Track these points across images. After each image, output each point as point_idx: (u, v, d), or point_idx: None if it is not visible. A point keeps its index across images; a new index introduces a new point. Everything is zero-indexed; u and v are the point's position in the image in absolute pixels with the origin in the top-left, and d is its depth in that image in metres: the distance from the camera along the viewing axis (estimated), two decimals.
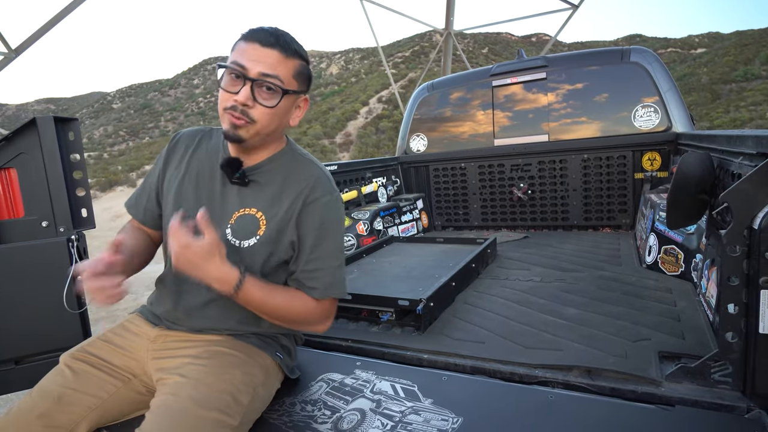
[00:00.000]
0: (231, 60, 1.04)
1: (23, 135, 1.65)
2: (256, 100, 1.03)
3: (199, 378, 1.00)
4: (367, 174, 3.22)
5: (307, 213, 1.11)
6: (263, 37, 1.02)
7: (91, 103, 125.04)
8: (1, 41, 6.30)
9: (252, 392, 1.06)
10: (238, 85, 1.02)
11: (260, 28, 1.04)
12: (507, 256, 2.48)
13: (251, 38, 1.03)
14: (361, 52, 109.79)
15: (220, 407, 0.96)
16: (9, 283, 1.59)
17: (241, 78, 1.02)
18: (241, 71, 1.01)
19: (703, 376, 1.10)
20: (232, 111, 1.03)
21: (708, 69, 52.61)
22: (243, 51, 1.03)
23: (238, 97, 1.01)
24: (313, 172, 1.15)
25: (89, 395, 1.04)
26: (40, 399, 1.01)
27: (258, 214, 1.11)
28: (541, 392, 1.15)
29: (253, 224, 1.11)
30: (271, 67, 1.02)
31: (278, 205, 1.11)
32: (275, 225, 1.10)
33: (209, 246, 0.95)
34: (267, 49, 1.02)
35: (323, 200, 1.12)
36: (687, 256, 1.83)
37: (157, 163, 1.24)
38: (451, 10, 12.83)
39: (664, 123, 2.81)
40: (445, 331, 1.54)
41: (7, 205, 1.66)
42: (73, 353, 1.11)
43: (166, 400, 0.96)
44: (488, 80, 3.33)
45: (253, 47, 1.02)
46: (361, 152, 42.09)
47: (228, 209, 1.13)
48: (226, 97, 1.03)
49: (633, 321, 1.49)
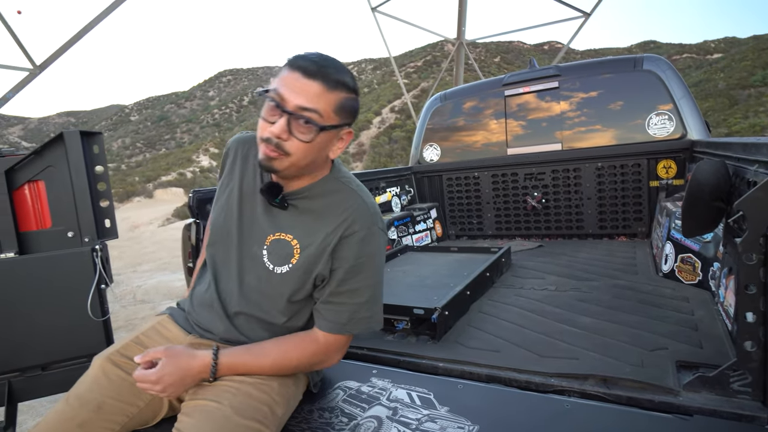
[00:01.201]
0: (273, 87, 0.99)
1: (51, 149, 1.72)
2: (291, 134, 0.98)
3: (240, 388, 1.01)
4: (381, 184, 3.25)
5: (343, 247, 1.06)
6: (306, 66, 0.97)
7: (110, 115, 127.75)
8: (26, 58, 6.52)
9: (286, 404, 1.08)
10: (276, 115, 0.98)
11: (305, 56, 0.99)
12: (521, 265, 2.48)
13: (295, 66, 0.98)
14: (373, 62, 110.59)
15: (259, 417, 0.98)
16: (36, 292, 1.65)
17: (279, 108, 0.97)
18: (279, 102, 0.97)
19: (721, 385, 1.09)
20: (267, 143, 0.99)
21: (725, 74, 51.88)
22: (285, 80, 0.98)
23: (274, 129, 0.97)
24: (354, 203, 1.09)
25: (127, 404, 1.06)
26: (80, 407, 1.02)
27: (293, 242, 1.09)
28: (557, 401, 1.15)
29: (287, 251, 1.08)
30: (310, 101, 0.96)
31: (314, 236, 1.08)
32: (308, 255, 1.07)
33: (161, 370, 0.97)
34: (308, 80, 0.96)
35: (360, 234, 1.06)
36: (704, 265, 1.82)
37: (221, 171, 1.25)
38: (463, 20, 12.90)
39: (679, 130, 2.79)
40: (460, 340, 1.55)
41: (36, 216, 1.73)
42: (108, 356, 1.10)
43: (207, 405, 0.97)
44: (500, 90, 3.35)
45: (295, 77, 0.97)
46: (374, 162, 42.22)
47: (265, 231, 1.11)
48: (264, 126, 1.00)
49: (649, 330, 1.48)
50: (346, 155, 48.70)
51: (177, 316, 1.24)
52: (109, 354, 1.11)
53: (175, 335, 1.19)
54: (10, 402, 1.66)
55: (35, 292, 1.65)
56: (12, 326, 1.62)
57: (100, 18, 6.50)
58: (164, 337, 1.19)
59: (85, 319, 1.68)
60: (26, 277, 1.64)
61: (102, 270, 1.72)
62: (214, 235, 1.18)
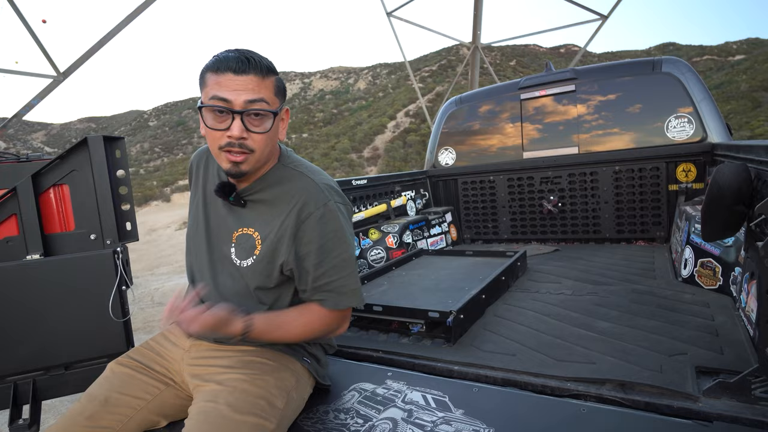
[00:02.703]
0: (208, 96, 0.99)
1: (75, 153, 1.77)
2: (249, 130, 1.00)
3: (235, 385, 1.04)
4: (396, 187, 3.26)
5: (304, 231, 1.08)
6: (234, 64, 0.98)
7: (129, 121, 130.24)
8: (51, 65, 6.70)
9: (286, 396, 1.09)
10: (226, 120, 0.99)
11: (226, 56, 1.00)
12: (537, 269, 2.47)
13: (222, 68, 0.98)
14: (388, 67, 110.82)
15: (257, 412, 1.00)
16: (60, 293, 1.70)
17: (226, 113, 0.99)
18: (225, 106, 0.98)
19: (742, 392, 1.07)
20: (230, 148, 1.00)
21: (747, 76, 50.76)
22: (218, 83, 0.98)
23: (233, 133, 0.98)
24: (303, 185, 1.11)
25: (133, 397, 1.11)
26: (88, 402, 1.08)
27: (255, 234, 1.12)
28: (574, 405, 1.14)
29: (250, 244, 1.12)
30: (254, 93, 0.99)
31: (271, 224, 1.11)
32: (269, 244, 1.10)
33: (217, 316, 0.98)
34: (243, 76, 0.98)
35: (317, 214, 1.08)
36: (725, 270, 1.79)
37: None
38: (478, 23, 12.89)
39: (699, 133, 2.75)
40: (476, 343, 1.55)
41: (60, 219, 1.78)
42: (118, 360, 1.18)
43: (205, 407, 1.00)
44: (516, 93, 3.34)
45: (228, 77, 0.98)
46: (389, 166, 42.28)
47: (230, 229, 1.16)
48: (218, 135, 1.00)
49: (668, 335, 1.46)
50: (361, 159, 48.85)
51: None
52: (120, 358, 1.19)
53: (180, 340, 1.24)
54: (34, 400, 1.71)
55: (59, 293, 1.69)
56: (37, 326, 1.66)
57: (123, 25, 6.65)
58: (171, 342, 1.25)
59: (106, 319, 1.72)
60: (51, 278, 1.68)
61: (123, 272, 1.76)
62: (189, 245, 1.24)
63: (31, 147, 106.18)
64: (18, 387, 1.69)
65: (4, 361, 1.66)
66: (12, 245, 1.72)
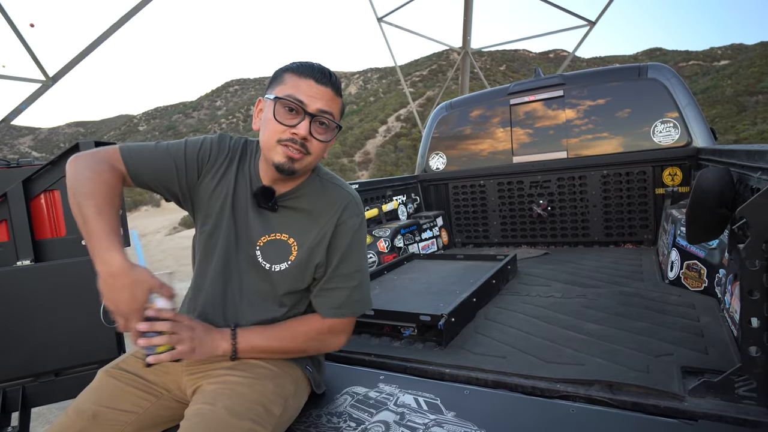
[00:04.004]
0: (285, 93, 1.05)
1: (67, 159, 1.76)
2: (311, 134, 1.07)
3: (234, 389, 1.04)
4: (387, 192, 3.27)
5: (337, 236, 1.15)
6: (317, 75, 1.07)
7: (119, 125, 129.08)
8: (40, 70, 6.65)
9: (283, 403, 1.09)
10: (296, 118, 1.05)
11: (312, 65, 1.08)
12: (527, 273, 2.49)
13: (306, 74, 1.07)
14: (379, 71, 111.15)
15: (253, 417, 1.00)
16: (50, 299, 1.69)
17: (298, 112, 1.05)
18: (299, 105, 1.05)
19: (726, 391, 1.10)
20: (291, 144, 1.05)
21: (732, 81, 51.62)
22: (297, 86, 1.06)
23: (299, 131, 1.05)
24: (343, 196, 1.19)
25: (123, 411, 1.08)
26: (77, 417, 1.04)
27: (290, 240, 1.15)
28: (563, 406, 1.16)
29: (285, 249, 1.15)
30: (327, 105, 1.07)
31: (309, 231, 1.16)
32: (306, 250, 1.14)
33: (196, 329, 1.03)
34: (322, 87, 1.07)
35: (351, 222, 1.16)
36: (710, 272, 1.82)
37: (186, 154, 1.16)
38: (468, 29, 13.00)
39: (684, 138, 2.81)
40: (467, 346, 1.56)
41: (51, 225, 1.77)
42: (107, 370, 1.14)
43: (202, 409, 0.99)
44: (506, 98, 3.38)
45: (308, 83, 1.06)
46: (380, 170, 42.33)
47: (257, 233, 1.16)
48: (282, 129, 1.05)
49: (655, 336, 1.49)
50: (352, 163, 48.87)
51: None
52: (110, 367, 1.16)
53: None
54: (23, 407, 1.69)
55: (50, 299, 1.68)
56: (27, 332, 1.65)
57: (113, 30, 6.62)
58: None
59: (97, 325, 1.71)
60: (41, 284, 1.67)
61: None
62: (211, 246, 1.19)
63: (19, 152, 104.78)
64: (7, 394, 1.67)
65: None
66: (2, 251, 1.70)
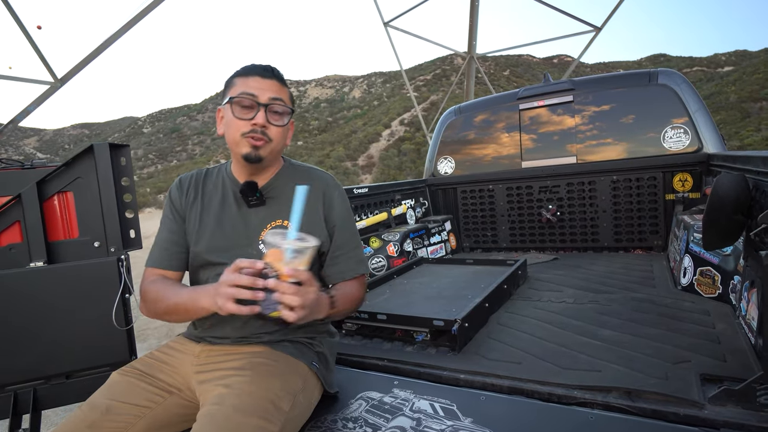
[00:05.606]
0: (237, 93, 1.18)
1: (80, 161, 1.77)
2: (269, 122, 1.19)
3: (242, 388, 1.04)
4: (396, 196, 3.27)
5: (331, 210, 1.30)
6: (261, 71, 1.20)
7: (123, 127, 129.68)
8: (48, 71, 6.68)
9: (292, 399, 1.09)
10: (252, 111, 1.18)
11: (254, 65, 1.22)
12: (538, 278, 2.48)
13: (251, 73, 1.20)
14: (383, 75, 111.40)
15: (261, 414, 1.00)
16: (63, 301, 1.69)
17: (252, 106, 1.18)
18: (252, 99, 1.18)
19: (748, 399, 1.09)
20: (252, 134, 1.18)
21: (736, 87, 51.52)
22: (247, 84, 1.19)
23: (257, 120, 1.17)
24: (318, 174, 1.35)
25: (135, 405, 1.09)
26: (90, 410, 1.06)
27: (285, 222, 1.24)
28: (581, 413, 1.15)
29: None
30: (276, 93, 1.20)
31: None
32: (306, 228, 1.15)
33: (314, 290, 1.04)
34: (267, 80, 1.20)
35: (336, 194, 1.32)
36: (724, 278, 1.81)
37: (168, 215, 1.31)
38: (474, 34, 13.01)
39: (695, 144, 2.80)
40: (481, 352, 1.55)
41: (64, 227, 1.77)
42: (121, 370, 1.18)
43: (211, 410, 1.00)
44: (515, 103, 3.38)
45: (255, 80, 1.19)
46: (384, 174, 42.36)
47: (253, 228, 1.25)
48: (242, 124, 1.18)
49: (671, 343, 1.48)
50: (356, 167, 48.92)
51: (190, 335, 1.31)
52: (124, 367, 1.19)
53: (188, 348, 1.25)
54: (34, 409, 1.69)
55: (62, 300, 1.68)
56: (40, 334, 1.65)
57: (121, 32, 6.65)
58: (178, 351, 1.25)
59: (109, 328, 1.71)
60: (54, 286, 1.67)
61: (126, 279, 1.76)
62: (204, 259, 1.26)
63: (24, 153, 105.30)
64: (18, 396, 1.67)
65: (5, 370, 1.64)
66: (15, 252, 1.71)
